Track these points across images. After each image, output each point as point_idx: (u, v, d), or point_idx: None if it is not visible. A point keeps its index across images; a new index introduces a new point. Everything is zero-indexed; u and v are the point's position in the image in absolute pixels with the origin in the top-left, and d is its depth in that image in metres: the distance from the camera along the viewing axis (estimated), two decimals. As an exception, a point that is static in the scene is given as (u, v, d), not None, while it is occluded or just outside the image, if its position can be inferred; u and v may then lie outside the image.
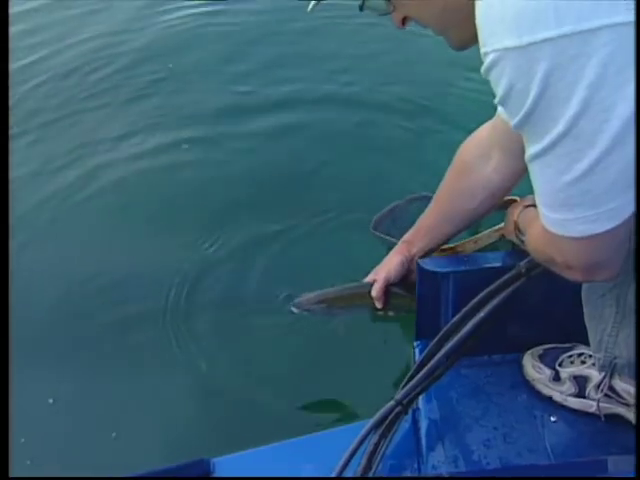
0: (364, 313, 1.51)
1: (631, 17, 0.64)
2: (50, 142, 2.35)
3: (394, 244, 1.54)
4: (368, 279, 1.47)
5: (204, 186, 2.11)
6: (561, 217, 0.81)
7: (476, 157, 1.35)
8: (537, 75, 0.68)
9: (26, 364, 1.58)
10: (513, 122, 0.75)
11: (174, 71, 2.75)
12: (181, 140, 2.34)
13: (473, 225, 1.48)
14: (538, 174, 0.79)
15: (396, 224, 1.76)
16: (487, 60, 0.72)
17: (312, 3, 0.96)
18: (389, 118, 2.34)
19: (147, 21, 3.15)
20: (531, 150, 0.77)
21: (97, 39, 2.99)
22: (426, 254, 1.43)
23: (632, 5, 0.64)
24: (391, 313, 1.45)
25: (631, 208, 0.78)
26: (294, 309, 1.49)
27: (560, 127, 0.71)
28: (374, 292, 1.43)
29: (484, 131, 1.34)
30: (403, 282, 1.43)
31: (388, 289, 1.42)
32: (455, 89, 2.40)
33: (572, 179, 0.75)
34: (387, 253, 1.51)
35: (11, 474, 1.03)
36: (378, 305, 1.43)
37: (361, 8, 0.94)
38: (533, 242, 1.10)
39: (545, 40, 0.66)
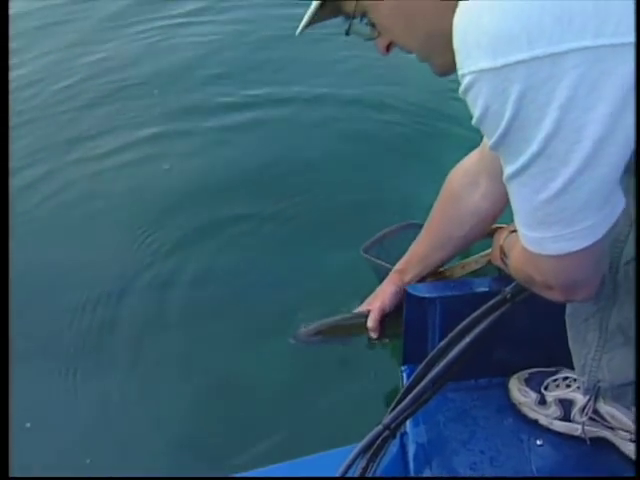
0: (358, 341, 1.53)
1: (598, 42, 0.66)
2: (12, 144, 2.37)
3: (384, 268, 1.57)
4: (361, 309, 1.48)
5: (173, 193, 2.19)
6: (538, 235, 0.83)
7: (464, 185, 1.37)
8: (511, 96, 0.70)
9: (26, 364, 1.62)
10: (490, 143, 0.77)
11: (138, 78, 2.88)
12: (146, 138, 2.46)
13: (464, 252, 1.50)
14: (515, 193, 0.81)
15: (386, 250, 1.78)
16: (464, 82, 0.74)
17: (301, 26, 0.97)
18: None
19: (114, 32, 3.30)
20: (508, 170, 0.79)
21: (58, 52, 3.10)
22: (418, 282, 1.45)
23: (600, 31, 0.65)
24: (386, 340, 1.47)
25: (606, 227, 0.80)
26: (292, 341, 1.50)
27: (534, 147, 0.73)
28: (370, 323, 1.44)
29: (471, 159, 1.36)
30: (398, 311, 1.44)
31: (383, 319, 1.44)
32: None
33: (547, 198, 0.76)
34: (377, 278, 1.53)
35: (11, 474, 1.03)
36: (374, 335, 1.44)
37: (347, 33, 0.95)
38: (514, 262, 1.12)
39: (518, 62, 0.68)
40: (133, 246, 1.98)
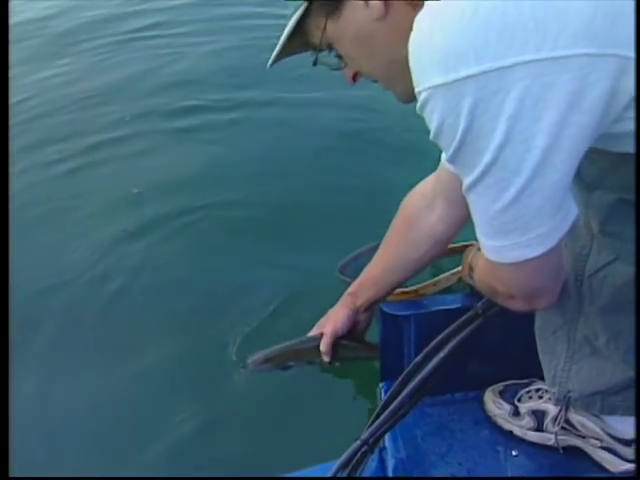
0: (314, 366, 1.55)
1: (540, 55, 0.70)
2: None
3: None
4: (313, 332, 1.47)
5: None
6: (497, 244, 0.86)
7: (421, 208, 1.38)
8: (464, 109, 0.74)
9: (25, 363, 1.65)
10: (447, 156, 0.81)
11: (92, 91, 3.06)
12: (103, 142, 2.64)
13: (417, 274, 1.48)
14: (474, 204, 0.85)
15: (362, 268, 1.81)
16: (420, 98, 0.77)
17: (271, 60, 1.01)
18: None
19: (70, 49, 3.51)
20: (465, 182, 0.82)
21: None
22: (371, 305, 1.45)
23: (541, 45, 0.70)
24: (337, 364, 1.46)
25: (560, 234, 0.85)
26: (244, 370, 1.53)
27: (487, 157, 0.77)
28: (323, 347, 1.43)
29: (427, 183, 1.38)
30: (350, 334, 1.44)
31: (336, 342, 1.43)
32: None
33: (503, 206, 0.80)
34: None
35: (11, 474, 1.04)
36: (326, 359, 1.44)
37: (315, 63, 0.99)
38: (478, 274, 1.16)
39: (468, 77, 0.72)
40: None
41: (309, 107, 2.78)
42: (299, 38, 0.95)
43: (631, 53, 0.71)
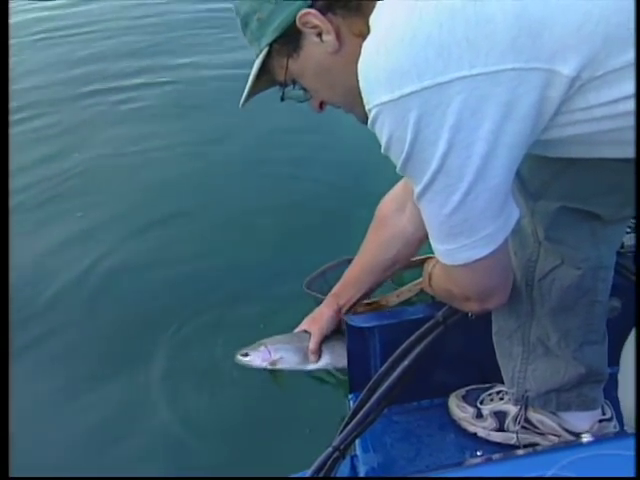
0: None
1: (473, 71, 0.78)
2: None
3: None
4: (299, 329, 1.57)
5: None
6: (448, 247, 0.94)
7: (392, 210, 1.48)
8: (410, 122, 0.82)
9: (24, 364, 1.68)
10: (397, 167, 0.88)
11: None
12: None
13: (395, 273, 1.59)
14: (425, 211, 0.93)
15: (329, 284, 1.85)
16: (371, 115, 0.85)
17: (242, 100, 1.08)
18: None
19: None
20: (416, 190, 0.90)
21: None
22: (354, 304, 1.55)
23: (473, 62, 0.78)
24: (322, 367, 1.55)
25: (504, 234, 0.92)
26: (236, 361, 1.57)
27: (433, 166, 0.84)
28: (312, 346, 1.52)
29: (399, 187, 1.47)
30: (335, 332, 1.55)
31: (323, 341, 1.53)
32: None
33: (450, 211, 0.88)
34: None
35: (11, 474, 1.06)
36: (313, 358, 1.52)
37: (282, 99, 1.07)
38: (435, 280, 1.24)
39: (412, 92, 0.80)
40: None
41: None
42: (265, 77, 1.03)
43: (553, 66, 0.79)
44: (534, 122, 0.83)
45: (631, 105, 0.81)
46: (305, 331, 1.56)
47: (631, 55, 0.78)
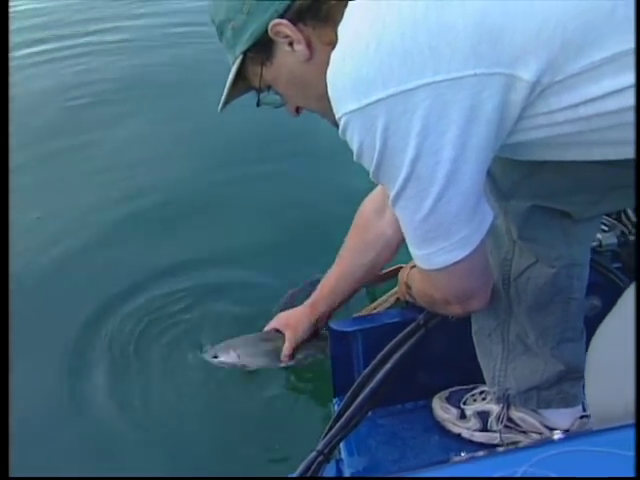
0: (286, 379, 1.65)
1: (437, 78, 0.79)
2: None
3: None
4: (271, 327, 1.62)
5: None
6: (425, 252, 0.95)
7: (372, 213, 1.49)
8: (378, 130, 0.83)
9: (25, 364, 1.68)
10: (370, 174, 0.90)
11: None
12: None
13: (371, 280, 1.61)
14: (400, 216, 0.94)
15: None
16: (341, 124, 0.86)
17: (220, 105, 1.09)
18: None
19: None
20: (390, 197, 0.91)
21: None
22: (331, 313, 1.57)
23: (437, 69, 0.79)
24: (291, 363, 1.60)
25: (479, 236, 0.93)
26: (204, 356, 1.62)
27: (403, 172, 0.85)
28: (286, 351, 1.57)
29: (378, 191, 1.48)
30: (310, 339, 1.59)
31: (296, 347, 1.58)
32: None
33: (424, 215, 0.89)
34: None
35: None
36: (285, 360, 1.58)
37: (258, 104, 1.09)
38: (416, 287, 1.25)
39: (378, 100, 0.81)
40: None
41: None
42: (241, 83, 1.05)
43: (514, 71, 0.80)
44: (498, 125, 0.84)
45: (591, 109, 0.83)
46: (277, 330, 1.60)
47: (589, 60, 0.80)
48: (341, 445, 1.39)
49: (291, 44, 0.96)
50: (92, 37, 4.03)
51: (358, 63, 0.82)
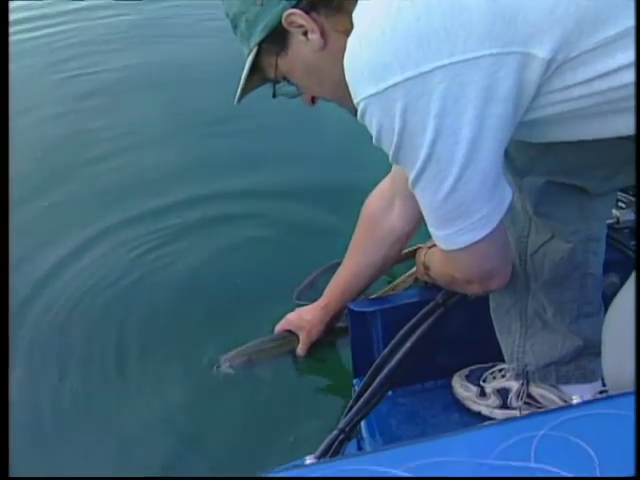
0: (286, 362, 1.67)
1: (453, 59, 0.80)
2: None
3: None
4: (282, 328, 1.66)
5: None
6: (446, 232, 0.96)
7: (380, 208, 1.49)
8: (396, 113, 0.84)
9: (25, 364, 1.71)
10: (390, 157, 0.91)
11: None
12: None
13: (383, 274, 1.61)
14: (420, 198, 0.95)
15: (320, 292, 1.85)
16: (359, 109, 0.87)
17: (236, 97, 1.10)
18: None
19: None
20: (410, 179, 0.92)
21: None
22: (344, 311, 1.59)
23: (452, 50, 0.80)
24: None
25: (499, 215, 0.94)
26: (217, 369, 1.64)
27: (423, 153, 0.86)
28: (301, 352, 1.63)
29: (385, 184, 1.49)
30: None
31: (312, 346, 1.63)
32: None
33: (444, 196, 0.90)
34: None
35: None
36: (300, 360, 1.64)
37: (274, 95, 1.10)
38: (435, 268, 1.26)
39: (396, 84, 0.82)
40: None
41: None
42: (257, 74, 1.06)
43: (529, 49, 0.81)
44: (515, 103, 0.85)
45: (606, 83, 0.84)
46: (289, 331, 1.64)
47: (602, 35, 0.80)
48: (362, 424, 1.41)
49: (305, 34, 0.97)
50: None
51: (374, 49, 0.83)
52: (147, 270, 2.05)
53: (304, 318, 1.64)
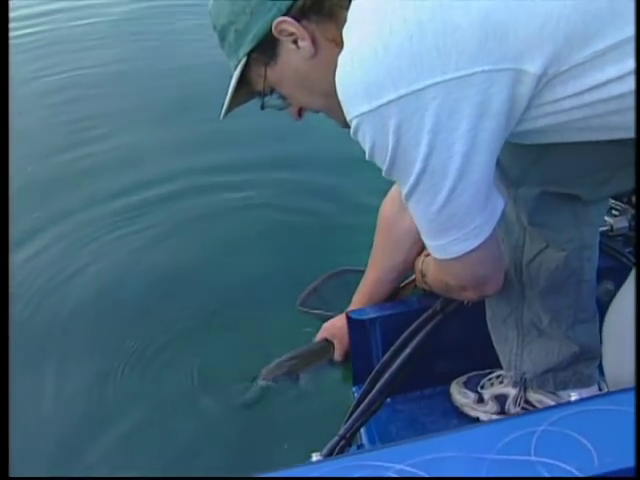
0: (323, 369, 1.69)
1: (446, 77, 0.82)
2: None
3: (324, 316, 1.76)
4: (320, 337, 1.69)
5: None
6: (440, 243, 0.98)
7: (395, 212, 1.51)
8: (390, 130, 0.86)
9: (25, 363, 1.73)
10: (383, 172, 0.92)
11: None
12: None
13: (405, 276, 1.62)
14: (414, 210, 0.97)
15: (322, 299, 1.89)
16: (352, 125, 0.89)
17: (222, 112, 1.11)
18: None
19: None
20: (404, 192, 0.94)
21: None
22: None
23: (445, 68, 0.82)
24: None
25: (491, 225, 0.97)
26: (261, 382, 1.64)
27: (417, 168, 0.88)
28: (338, 358, 1.65)
29: (395, 189, 1.49)
30: None
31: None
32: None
33: (438, 208, 0.92)
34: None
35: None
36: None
37: (262, 107, 1.10)
38: (431, 275, 1.29)
39: (390, 101, 0.84)
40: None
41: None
42: (244, 88, 1.07)
43: (521, 65, 0.83)
44: (507, 117, 0.87)
45: (595, 95, 0.86)
46: (326, 340, 1.67)
47: (592, 49, 0.83)
48: (362, 431, 1.43)
49: (295, 42, 0.98)
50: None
51: (367, 68, 0.84)
52: (140, 268, 2.10)
53: (336, 325, 1.67)
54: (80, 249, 2.19)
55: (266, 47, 1.00)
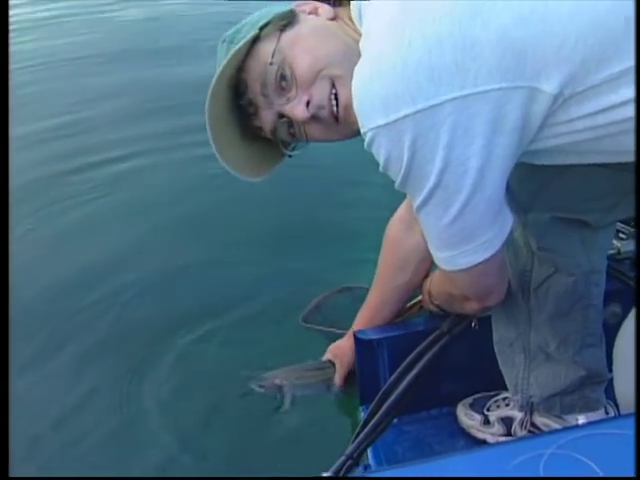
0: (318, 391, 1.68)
1: (463, 92, 0.83)
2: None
3: (326, 333, 1.78)
4: (326, 358, 1.67)
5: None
6: (448, 255, 1.00)
7: (402, 231, 1.52)
8: (405, 144, 0.87)
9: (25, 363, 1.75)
10: (396, 184, 0.94)
11: None
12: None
13: (412, 295, 1.62)
14: (424, 222, 0.98)
15: (323, 315, 1.91)
16: (367, 138, 0.90)
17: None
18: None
19: None
20: (415, 204, 0.95)
21: None
22: None
23: (463, 84, 0.83)
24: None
25: (501, 239, 0.98)
26: (258, 389, 1.64)
27: (431, 182, 0.89)
28: (339, 381, 1.63)
29: (403, 208, 1.52)
30: None
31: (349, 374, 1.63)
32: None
33: (449, 221, 0.93)
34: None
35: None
36: (337, 389, 1.64)
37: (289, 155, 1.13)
38: (435, 285, 1.30)
39: (406, 116, 0.85)
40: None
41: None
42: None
43: (537, 84, 0.85)
44: (521, 135, 0.89)
45: (609, 117, 0.88)
46: (329, 361, 1.65)
47: (608, 72, 0.84)
48: (369, 452, 1.43)
49: (315, 11, 1.04)
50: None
51: (386, 82, 0.86)
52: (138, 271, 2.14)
53: (339, 347, 1.67)
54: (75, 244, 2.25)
55: (285, 17, 1.04)
